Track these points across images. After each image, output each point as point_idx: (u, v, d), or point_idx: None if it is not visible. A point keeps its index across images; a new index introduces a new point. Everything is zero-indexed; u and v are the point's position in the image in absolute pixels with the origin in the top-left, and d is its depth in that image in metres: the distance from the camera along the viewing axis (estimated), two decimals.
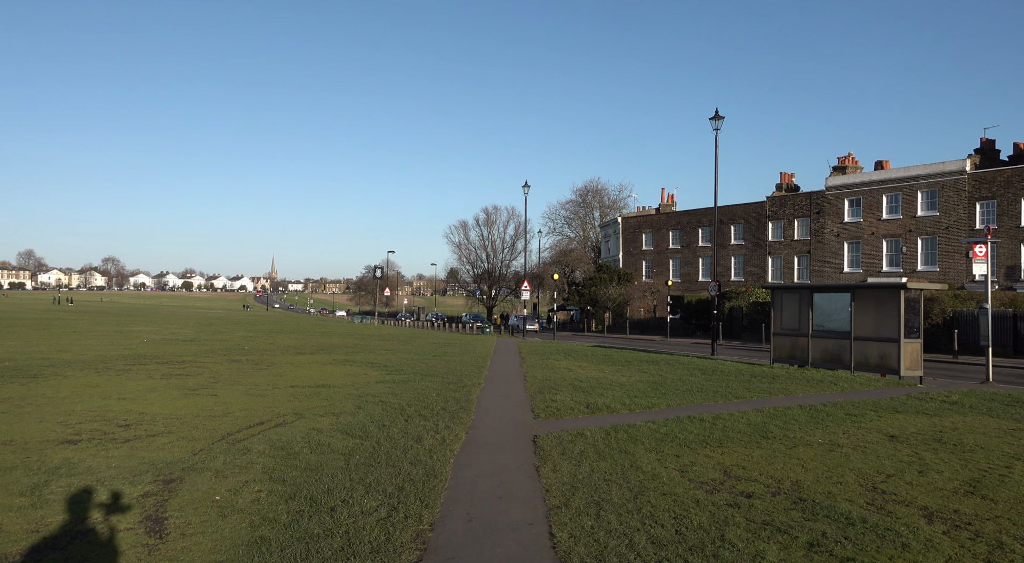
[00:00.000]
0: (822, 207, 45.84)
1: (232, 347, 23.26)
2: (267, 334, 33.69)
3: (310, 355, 20.70)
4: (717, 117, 25.87)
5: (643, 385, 14.60)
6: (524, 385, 14.37)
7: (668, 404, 11.66)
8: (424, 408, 10.68)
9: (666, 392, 13.33)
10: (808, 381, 15.74)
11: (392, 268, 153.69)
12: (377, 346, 26.20)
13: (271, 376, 14.73)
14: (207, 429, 8.58)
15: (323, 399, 11.43)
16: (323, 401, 11.21)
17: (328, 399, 11.43)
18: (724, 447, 8.26)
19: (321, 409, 10.35)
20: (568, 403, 11.46)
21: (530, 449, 7.99)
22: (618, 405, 11.34)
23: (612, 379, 15.73)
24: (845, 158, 45.92)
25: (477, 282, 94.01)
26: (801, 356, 19.24)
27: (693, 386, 14.45)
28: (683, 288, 54.53)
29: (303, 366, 17.14)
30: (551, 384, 14.37)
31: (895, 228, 41.85)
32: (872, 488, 6.58)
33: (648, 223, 60.61)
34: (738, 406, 11.74)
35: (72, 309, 78.27)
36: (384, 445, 7.88)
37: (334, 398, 11.56)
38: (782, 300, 19.93)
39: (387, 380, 14.46)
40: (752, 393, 13.50)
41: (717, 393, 13.33)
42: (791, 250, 47.81)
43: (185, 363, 17.03)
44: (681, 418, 10.21)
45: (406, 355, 21.72)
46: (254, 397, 11.50)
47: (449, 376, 15.53)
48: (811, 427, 9.76)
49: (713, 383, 15.14)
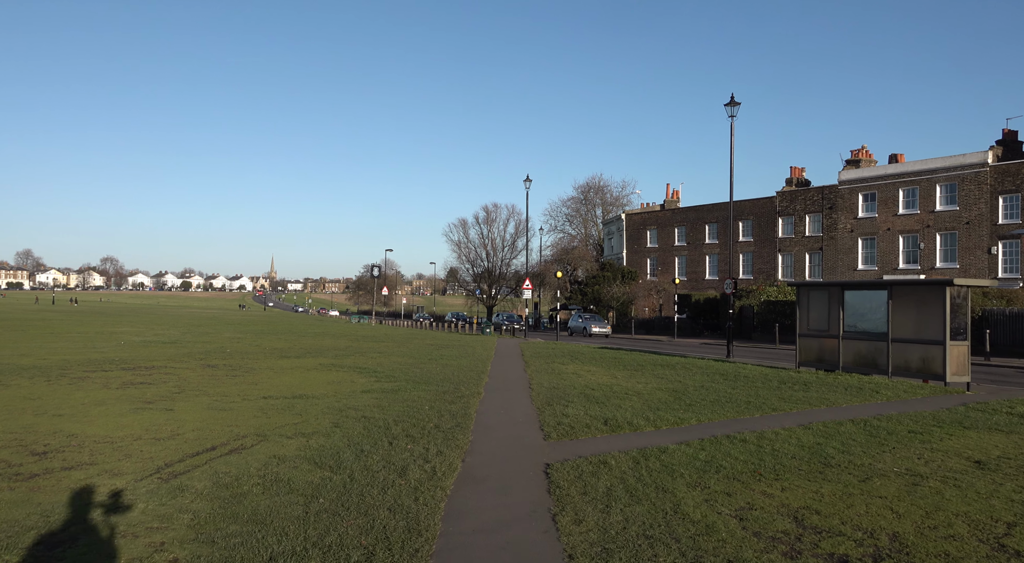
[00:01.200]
0: (835, 202, 44.19)
1: (213, 350, 21.65)
2: (256, 335, 32.07)
3: (295, 359, 19.08)
4: (732, 103, 24.24)
5: (663, 394, 12.98)
6: (529, 394, 12.75)
7: (698, 419, 10.03)
8: (414, 425, 9.05)
9: (691, 403, 11.71)
10: (846, 388, 14.11)
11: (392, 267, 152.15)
12: (370, 348, 24.58)
13: (245, 384, 13.11)
14: (142, 458, 6.96)
15: (296, 414, 9.80)
16: (296, 417, 9.59)
17: (302, 414, 9.81)
18: (782, 479, 6.65)
19: (291, 428, 8.72)
20: (582, 418, 9.84)
21: (542, 484, 6.37)
22: (641, 421, 9.71)
23: (627, 386, 14.11)
24: (859, 151, 44.27)
25: (477, 281, 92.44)
26: (830, 359, 17.61)
27: (720, 395, 12.83)
28: (689, 286, 52.90)
29: (284, 372, 15.52)
30: (560, 393, 12.75)
31: (912, 223, 40.21)
32: (997, 545, 4.97)
33: (653, 220, 58.97)
34: (778, 421, 10.12)
35: (63, 309, 76.66)
36: (359, 480, 6.26)
37: (309, 413, 9.94)
38: (809, 298, 18.30)
39: (375, 389, 12.83)
40: (788, 403, 11.88)
41: (749, 404, 11.71)
42: (802, 247, 46.17)
43: (154, 369, 15.41)
44: (718, 438, 8.59)
45: (400, 358, 20.10)
46: (216, 412, 9.88)
47: (445, 383, 13.91)
48: (875, 449, 8.14)
49: (741, 391, 13.52)
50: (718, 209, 52.88)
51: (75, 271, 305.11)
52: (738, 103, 24.17)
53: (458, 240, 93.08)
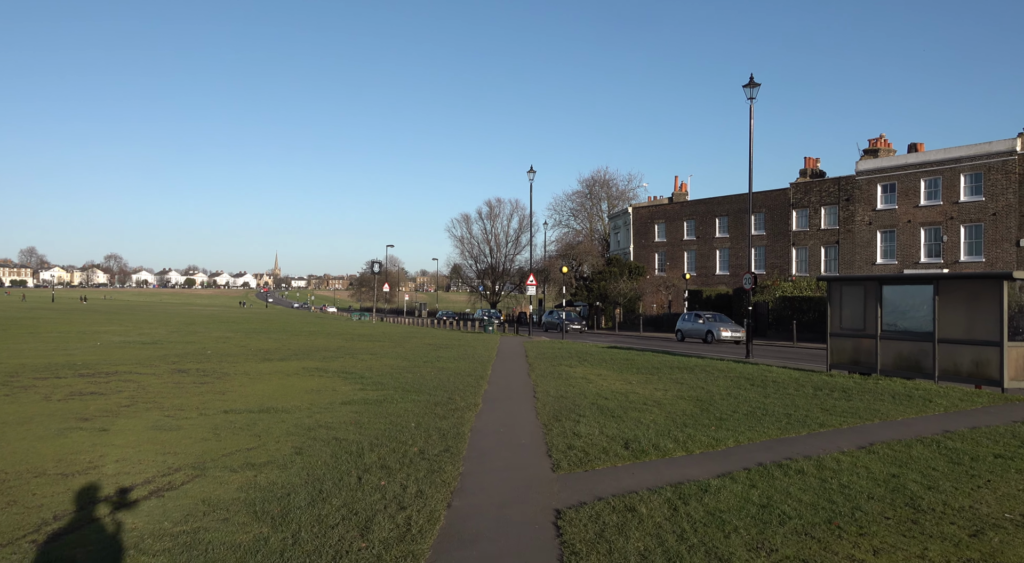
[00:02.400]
0: (852, 193, 42.39)
1: (193, 351, 20.07)
2: (246, 334, 30.51)
3: (278, 362, 17.48)
4: (752, 84, 22.53)
5: (686, 404, 11.34)
6: (534, 404, 11.12)
7: (736, 439, 8.37)
8: (393, 451, 7.44)
9: (722, 417, 10.06)
10: (892, 396, 12.44)
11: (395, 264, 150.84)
12: (363, 349, 22.98)
13: (210, 394, 11.51)
14: (21, 508, 5.34)
15: (254, 435, 8.18)
16: (253, 439, 7.97)
17: (262, 435, 8.19)
18: (868, 534, 5.00)
19: (241, 456, 7.11)
20: (597, 439, 8.20)
21: (552, 549, 4.73)
22: (668, 442, 8.06)
23: (644, 394, 12.46)
24: (877, 140, 42.44)
25: (480, 278, 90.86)
26: (866, 361, 15.93)
27: (752, 406, 11.17)
28: (699, 282, 51.18)
29: (260, 378, 13.92)
30: (569, 403, 11.11)
31: (934, 215, 38.40)
32: None
33: (661, 213, 57.23)
34: (831, 440, 8.47)
35: (59, 307, 75.35)
36: (303, 543, 4.64)
37: (271, 433, 8.32)
38: (842, 294, 16.61)
39: (357, 399, 11.20)
40: (835, 417, 10.22)
41: (790, 417, 10.06)
42: (817, 240, 44.39)
43: (115, 375, 13.82)
44: (768, 467, 6.94)
45: (393, 361, 18.49)
46: (159, 432, 8.27)
47: (439, 392, 12.28)
48: (967, 484, 6.48)
49: (775, 400, 11.86)
50: (729, 201, 51.12)
51: (79, 268, 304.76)
52: (758, 84, 22.46)
53: (461, 236, 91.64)
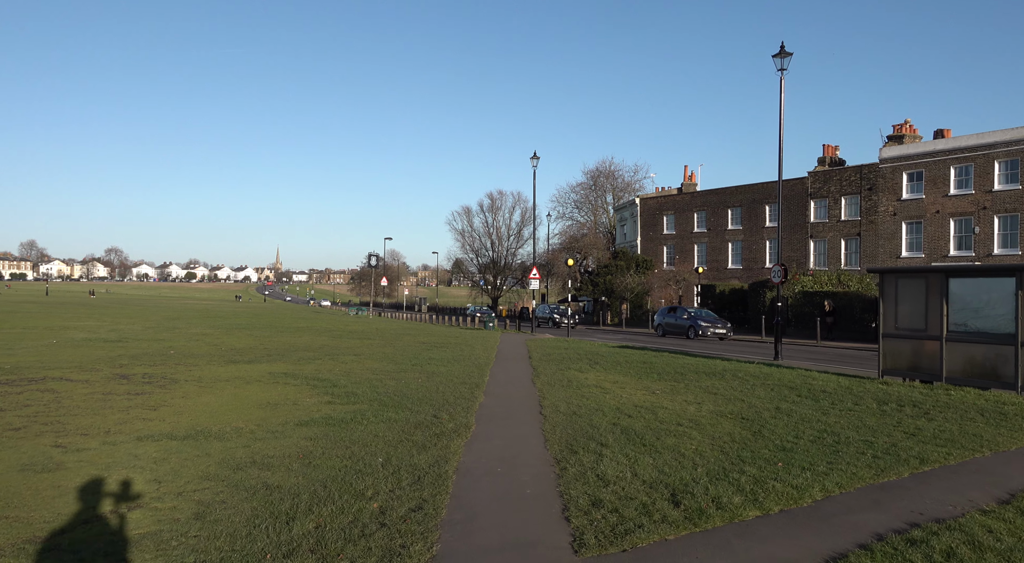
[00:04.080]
0: (875, 182, 39.95)
1: (154, 352, 17.81)
2: (227, 331, 28.25)
3: (245, 364, 15.21)
4: (783, 54, 20.13)
5: (731, 424, 9.05)
6: (540, 425, 8.83)
7: (822, 487, 6.05)
8: (341, 510, 5.16)
9: (784, 445, 7.76)
10: (981, 414, 10.13)
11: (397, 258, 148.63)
12: (348, 348, 20.70)
13: (137, 410, 9.24)
14: None
15: (153, 480, 5.90)
16: (149, 485, 5.69)
17: (165, 480, 5.91)
18: None
19: (97, 528, 4.82)
20: (632, 487, 5.90)
21: None
22: (731, 491, 5.77)
23: (674, 409, 10.17)
24: (901, 126, 39.97)
25: (482, 272, 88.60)
26: (929, 367, 13.61)
27: (815, 428, 8.87)
28: (711, 276, 48.81)
29: (212, 387, 11.63)
30: (584, 424, 8.81)
31: (965, 205, 35.97)
32: None
33: (669, 204, 54.81)
34: (951, 486, 6.17)
35: (48, 301, 73.23)
36: None
37: (179, 476, 6.04)
38: (897, 289, 14.27)
39: (319, 418, 8.91)
40: (927, 445, 7.91)
41: (871, 446, 7.75)
42: (837, 233, 41.98)
43: (36, 383, 11.55)
44: (894, 543, 4.65)
45: (378, 363, 16.21)
46: (27, 474, 5.99)
47: (423, 407, 9.99)
48: None
49: (838, 419, 9.56)
50: (742, 191, 48.69)
51: (79, 262, 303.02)
52: (789, 54, 20.07)
53: (462, 229, 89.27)
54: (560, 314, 48.87)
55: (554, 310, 50.29)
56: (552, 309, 50.77)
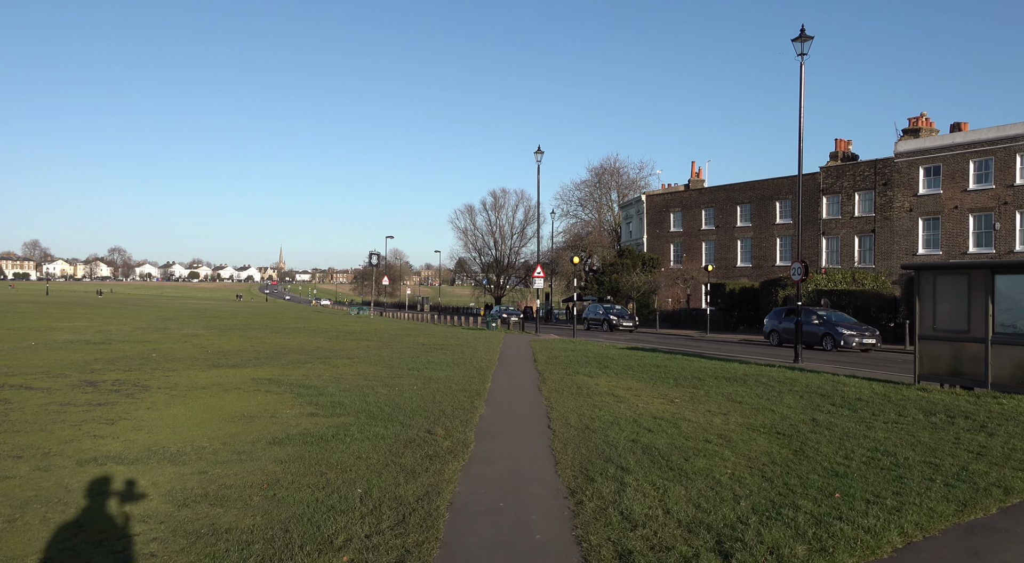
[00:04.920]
0: (890, 177, 38.71)
1: (135, 355, 16.73)
2: (219, 332, 27.17)
3: (229, 369, 14.12)
4: (803, 37, 18.96)
5: (767, 441, 7.93)
6: (549, 443, 7.71)
7: (900, 530, 4.90)
8: None
9: (836, 469, 6.64)
10: None
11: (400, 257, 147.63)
12: (343, 351, 19.60)
13: (91, 425, 8.14)
14: None
15: (75, 520, 4.79)
16: (66, 529, 4.58)
17: (86, 527, 4.80)
18: None
19: None
20: (665, 530, 4.77)
21: None
22: (788, 537, 4.64)
23: (699, 422, 9.04)
24: (917, 119, 38.72)
25: (485, 271, 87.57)
26: (971, 372, 12.46)
27: (866, 447, 7.73)
28: (720, 274, 47.61)
29: (185, 396, 10.53)
30: (600, 441, 7.69)
31: (985, 200, 34.72)
32: None
33: (676, 201, 53.60)
34: None
35: (43, 301, 72.35)
36: None
37: (93, 523, 4.92)
38: (935, 286, 13.11)
39: (295, 435, 7.80)
40: (1002, 468, 6.79)
41: (938, 471, 6.62)
42: (850, 229, 40.75)
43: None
44: None
45: (371, 367, 15.10)
46: None
47: (416, 419, 8.88)
48: None
49: (887, 435, 8.42)
50: (752, 187, 47.46)
51: (82, 261, 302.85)
52: (810, 37, 18.90)
53: (464, 227, 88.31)
54: (618, 316, 41.64)
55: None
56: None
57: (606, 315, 42.29)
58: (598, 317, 42.91)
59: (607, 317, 41.91)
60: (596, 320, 42.99)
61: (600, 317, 42.73)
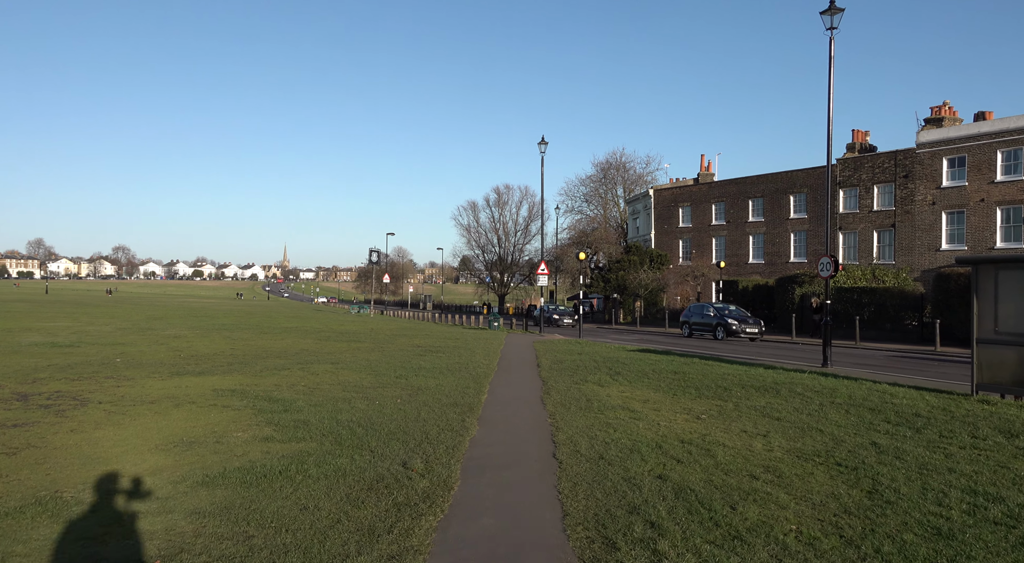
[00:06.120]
0: (911, 169, 36.91)
1: (98, 360, 15.17)
2: (205, 332, 25.63)
3: (193, 377, 12.52)
4: (833, 10, 17.24)
5: (827, 477, 6.29)
6: (555, 487, 6.08)
7: None
8: None
9: (938, 524, 5.01)
10: None
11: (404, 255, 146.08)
12: (329, 355, 18.00)
13: None
14: None
15: None
16: None
17: None
18: None
19: None
20: None
21: None
22: None
23: (738, 448, 7.39)
24: (940, 108, 36.90)
25: (488, 269, 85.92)
26: None
27: (954, 483, 6.10)
28: (730, 271, 45.86)
29: (125, 414, 8.93)
30: (618, 479, 6.06)
31: (1014, 193, 32.92)
32: None
33: (685, 196, 51.85)
34: None
35: (46, 300, 71.06)
36: None
37: None
38: (997, 283, 11.42)
39: (233, 472, 6.17)
40: None
41: None
42: (869, 224, 38.97)
43: None
44: None
45: (355, 375, 13.48)
46: None
47: (392, 446, 7.26)
48: None
49: (971, 464, 6.78)
50: (764, 181, 45.68)
51: (86, 260, 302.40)
52: (841, 9, 17.18)
53: (467, 224, 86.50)
54: (739, 319, 31.57)
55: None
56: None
57: (720, 318, 31.17)
58: (707, 322, 31.91)
59: (722, 321, 30.90)
60: (704, 325, 32.08)
61: (711, 322, 31.56)
